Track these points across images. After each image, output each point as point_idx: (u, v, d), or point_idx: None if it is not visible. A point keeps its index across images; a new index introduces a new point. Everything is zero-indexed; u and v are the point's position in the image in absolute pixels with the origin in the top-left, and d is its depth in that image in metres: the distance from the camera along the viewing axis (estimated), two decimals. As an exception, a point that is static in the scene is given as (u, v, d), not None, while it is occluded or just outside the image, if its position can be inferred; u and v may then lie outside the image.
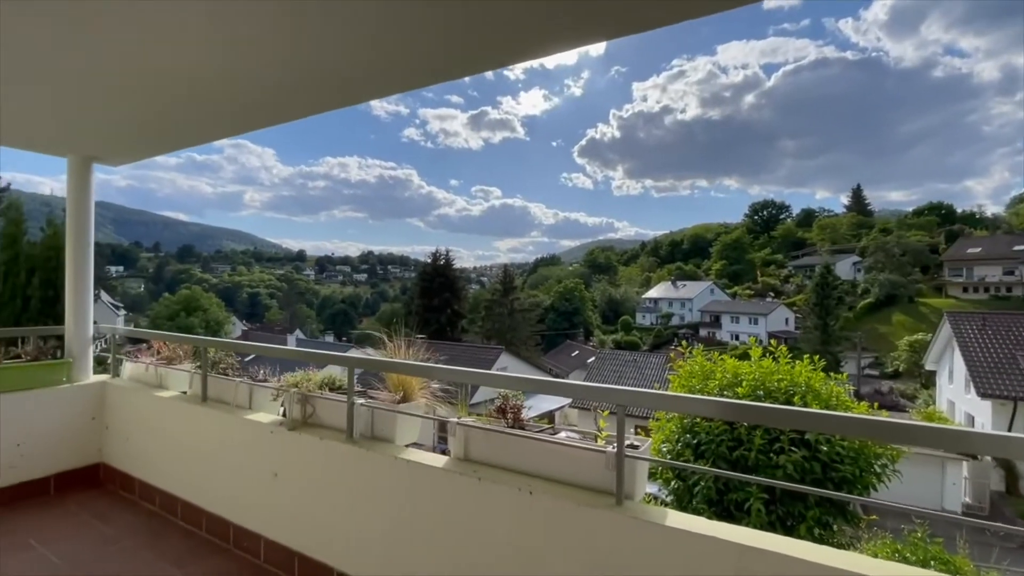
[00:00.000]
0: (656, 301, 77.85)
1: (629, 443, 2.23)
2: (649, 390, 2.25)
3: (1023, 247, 54.35)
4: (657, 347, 56.50)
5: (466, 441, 2.60)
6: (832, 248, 74.78)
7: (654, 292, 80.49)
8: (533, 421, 2.66)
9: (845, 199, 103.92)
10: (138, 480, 4.14)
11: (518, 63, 2.49)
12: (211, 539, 3.51)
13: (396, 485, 2.68)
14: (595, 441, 2.34)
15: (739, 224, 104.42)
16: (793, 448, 3.94)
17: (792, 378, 4.53)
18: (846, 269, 68.01)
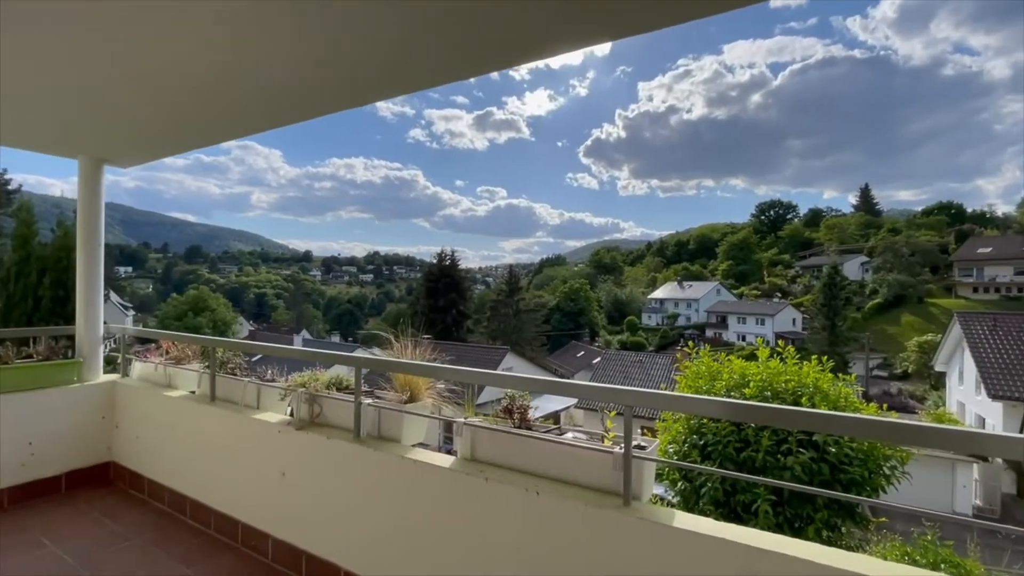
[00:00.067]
0: (662, 302, 77.55)
1: (636, 444, 2.22)
2: (656, 391, 2.24)
3: (1034, 247, 53.83)
4: (663, 348, 56.29)
5: (473, 441, 2.60)
6: (840, 248, 74.26)
7: (660, 292, 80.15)
8: (539, 422, 2.66)
9: (853, 199, 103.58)
10: (147, 479, 4.18)
11: (524, 63, 2.49)
12: (219, 538, 3.53)
13: (403, 485, 2.69)
14: (602, 442, 2.34)
15: (746, 224, 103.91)
16: (801, 450, 3.92)
17: (800, 379, 4.50)
18: (854, 269, 67.52)
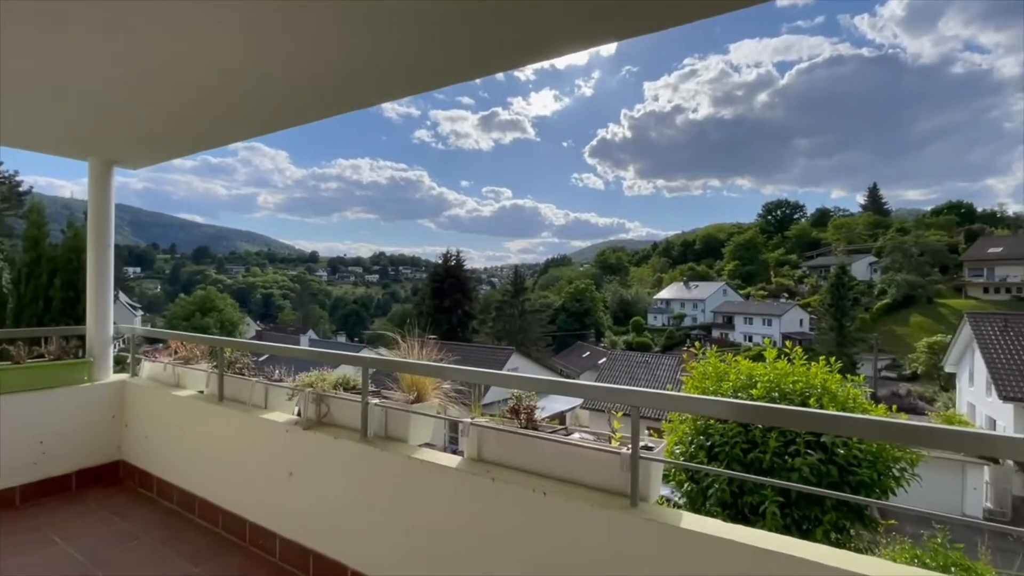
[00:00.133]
0: (668, 302, 77.23)
1: (644, 444, 2.22)
2: (662, 391, 2.24)
3: (1046, 247, 53.19)
4: (669, 348, 56.12)
5: (479, 441, 2.60)
6: (848, 248, 73.65)
7: (666, 293, 79.80)
8: (545, 422, 2.66)
9: (861, 198, 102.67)
10: (156, 478, 4.21)
11: (530, 64, 2.49)
12: (227, 536, 3.56)
13: (410, 485, 2.70)
14: (609, 442, 2.33)
15: (752, 224, 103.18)
16: (809, 451, 3.89)
17: (808, 380, 4.46)
18: (862, 269, 66.97)
